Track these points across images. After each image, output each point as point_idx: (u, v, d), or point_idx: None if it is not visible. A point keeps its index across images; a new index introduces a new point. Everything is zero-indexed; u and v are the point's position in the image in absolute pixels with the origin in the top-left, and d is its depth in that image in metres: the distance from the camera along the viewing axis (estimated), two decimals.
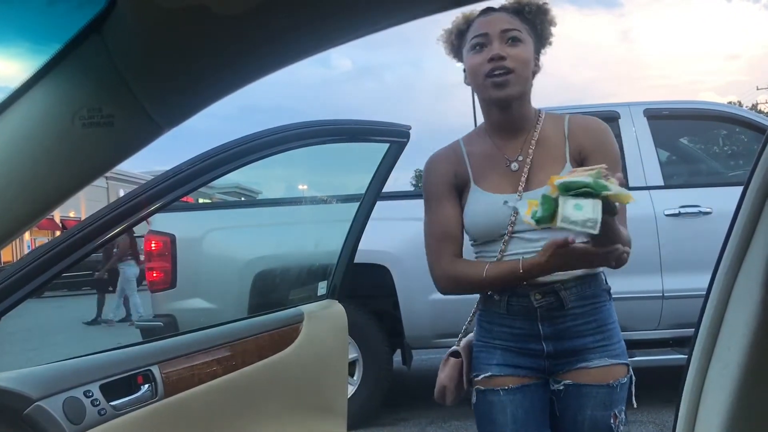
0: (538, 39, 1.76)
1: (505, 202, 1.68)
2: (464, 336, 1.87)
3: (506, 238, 1.67)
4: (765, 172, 0.84)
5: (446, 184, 1.78)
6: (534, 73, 1.75)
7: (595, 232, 1.36)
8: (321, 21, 0.63)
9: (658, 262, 4.35)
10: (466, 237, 1.80)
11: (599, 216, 1.35)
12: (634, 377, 1.75)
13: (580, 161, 1.70)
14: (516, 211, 1.66)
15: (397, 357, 4.94)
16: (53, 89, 0.70)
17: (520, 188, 1.68)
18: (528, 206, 1.45)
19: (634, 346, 4.51)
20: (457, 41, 1.78)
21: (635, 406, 1.78)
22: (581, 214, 1.35)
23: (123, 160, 0.74)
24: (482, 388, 1.76)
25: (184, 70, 0.68)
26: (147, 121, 0.70)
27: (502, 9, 1.72)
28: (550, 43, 1.78)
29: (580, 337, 1.70)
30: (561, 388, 1.72)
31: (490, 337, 1.77)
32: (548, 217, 1.40)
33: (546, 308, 1.68)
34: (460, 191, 1.78)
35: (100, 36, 0.67)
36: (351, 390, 4.44)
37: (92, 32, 0.67)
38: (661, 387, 4.92)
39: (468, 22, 1.75)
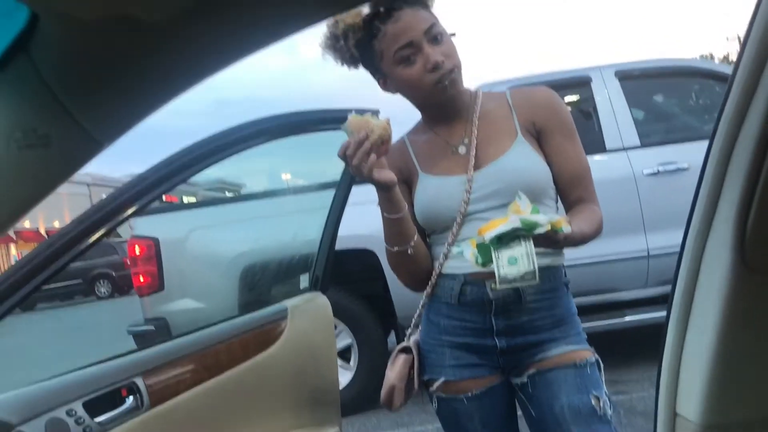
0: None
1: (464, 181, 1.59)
2: (415, 330, 1.74)
3: (459, 220, 1.58)
4: (725, 133, 0.82)
5: None
6: None
7: (536, 281, 1.36)
8: (254, 23, 0.61)
9: (641, 221, 4.37)
10: None
11: (534, 265, 1.34)
12: (602, 363, 1.61)
13: (535, 133, 1.63)
14: (469, 189, 1.58)
15: (392, 339, 4.95)
16: None
17: (470, 168, 1.60)
18: (471, 245, 1.44)
19: (623, 306, 4.55)
20: (357, 50, 1.60)
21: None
22: (516, 270, 1.34)
23: (65, 180, 0.72)
24: (443, 395, 1.65)
25: (117, 82, 0.65)
26: (85, 138, 0.68)
27: (407, 5, 1.55)
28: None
29: (535, 332, 1.59)
30: (525, 380, 1.61)
31: (437, 333, 1.65)
32: (490, 261, 1.38)
33: (502, 301, 1.57)
34: (409, 185, 1.68)
35: (27, 54, 0.65)
36: (348, 376, 4.46)
37: (18, 51, 0.65)
38: (653, 344, 4.95)
39: (371, 30, 1.57)
